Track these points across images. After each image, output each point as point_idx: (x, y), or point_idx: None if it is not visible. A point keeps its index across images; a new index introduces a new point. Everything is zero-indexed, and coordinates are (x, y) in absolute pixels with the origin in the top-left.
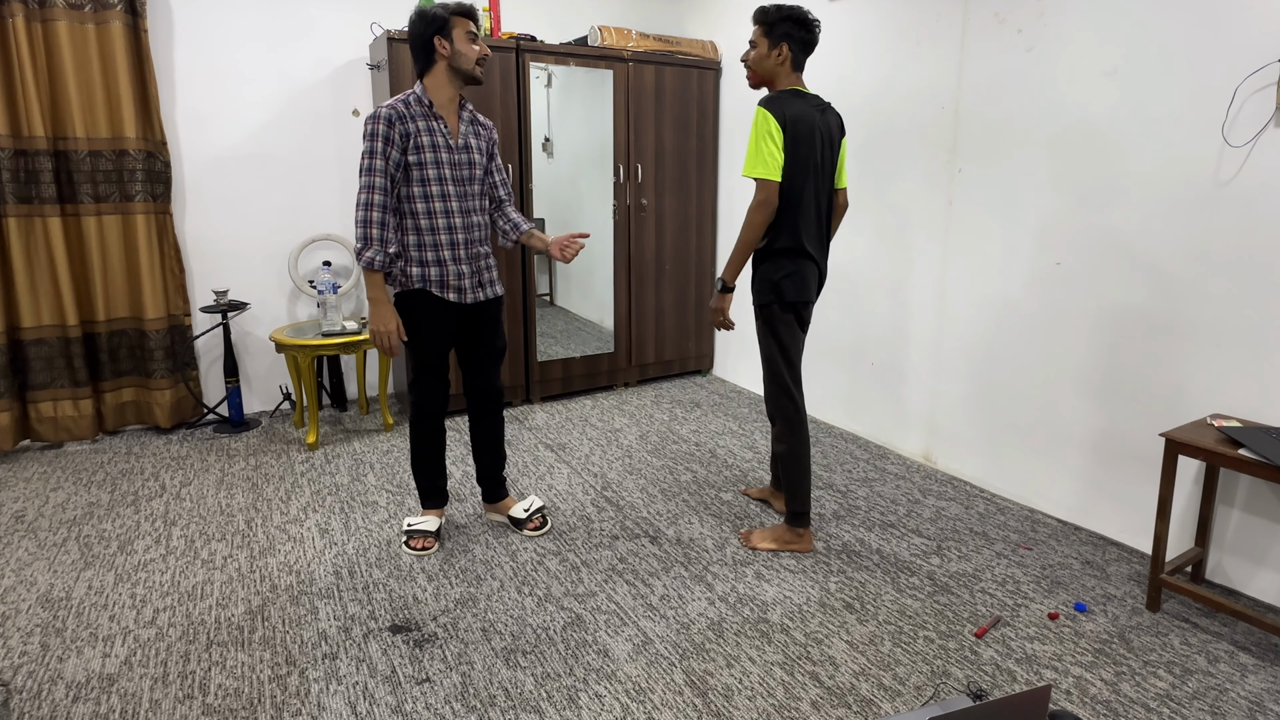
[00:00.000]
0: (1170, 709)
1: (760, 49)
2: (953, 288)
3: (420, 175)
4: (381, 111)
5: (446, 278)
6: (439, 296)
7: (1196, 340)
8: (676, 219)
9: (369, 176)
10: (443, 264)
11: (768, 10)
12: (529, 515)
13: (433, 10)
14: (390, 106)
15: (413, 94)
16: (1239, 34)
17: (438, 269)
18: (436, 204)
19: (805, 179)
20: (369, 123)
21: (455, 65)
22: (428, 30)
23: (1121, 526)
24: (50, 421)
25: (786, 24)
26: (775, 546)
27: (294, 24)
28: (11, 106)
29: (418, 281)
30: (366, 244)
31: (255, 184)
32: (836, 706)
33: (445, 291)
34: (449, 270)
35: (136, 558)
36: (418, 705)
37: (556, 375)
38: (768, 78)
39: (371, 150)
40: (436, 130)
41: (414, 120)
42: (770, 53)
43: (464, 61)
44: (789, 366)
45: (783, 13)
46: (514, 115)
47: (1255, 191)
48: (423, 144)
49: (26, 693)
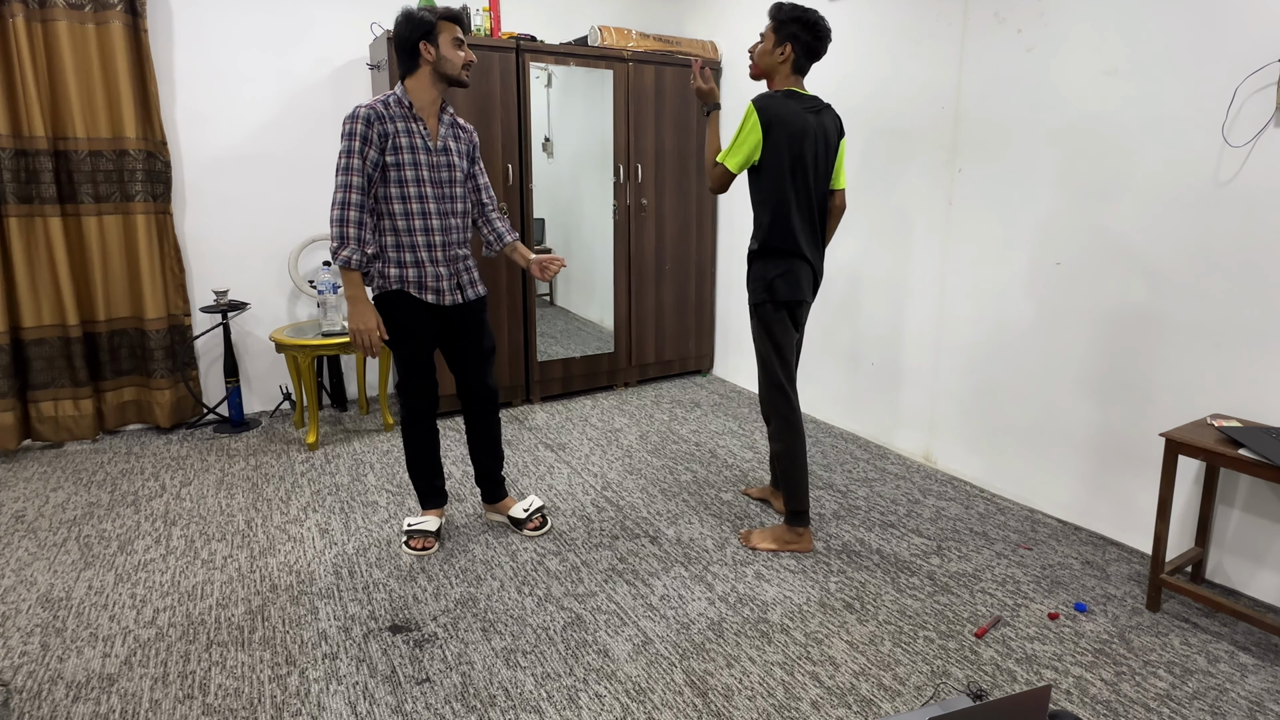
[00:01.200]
0: (1170, 709)
1: (767, 43)
2: (953, 288)
3: (398, 176)
4: (360, 111)
5: (424, 279)
6: (417, 298)
7: (1196, 340)
8: (676, 219)
9: (346, 176)
10: (420, 265)
11: (782, 7)
12: (529, 515)
13: (420, 14)
14: (369, 107)
15: (393, 95)
16: (1239, 34)
17: (415, 270)
18: (414, 205)
19: (795, 180)
20: (347, 122)
21: (440, 70)
22: (414, 34)
23: (1121, 526)
24: (51, 421)
25: (795, 25)
26: (775, 547)
27: (294, 24)
28: (12, 106)
29: (395, 282)
30: (343, 243)
31: (255, 184)
32: (836, 706)
33: (423, 293)
34: (427, 271)
35: (136, 558)
36: (418, 705)
37: (556, 375)
38: (767, 72)
39: (349, 150)
40: (415, 132)
41: (393, 121)
42: (775, 49)
43: (449, 67)
44: (783, 365)
45: (794, 13)
46: (514, 115)
47: (1255, 191)
48: (401, 145)
49: (26, 693)
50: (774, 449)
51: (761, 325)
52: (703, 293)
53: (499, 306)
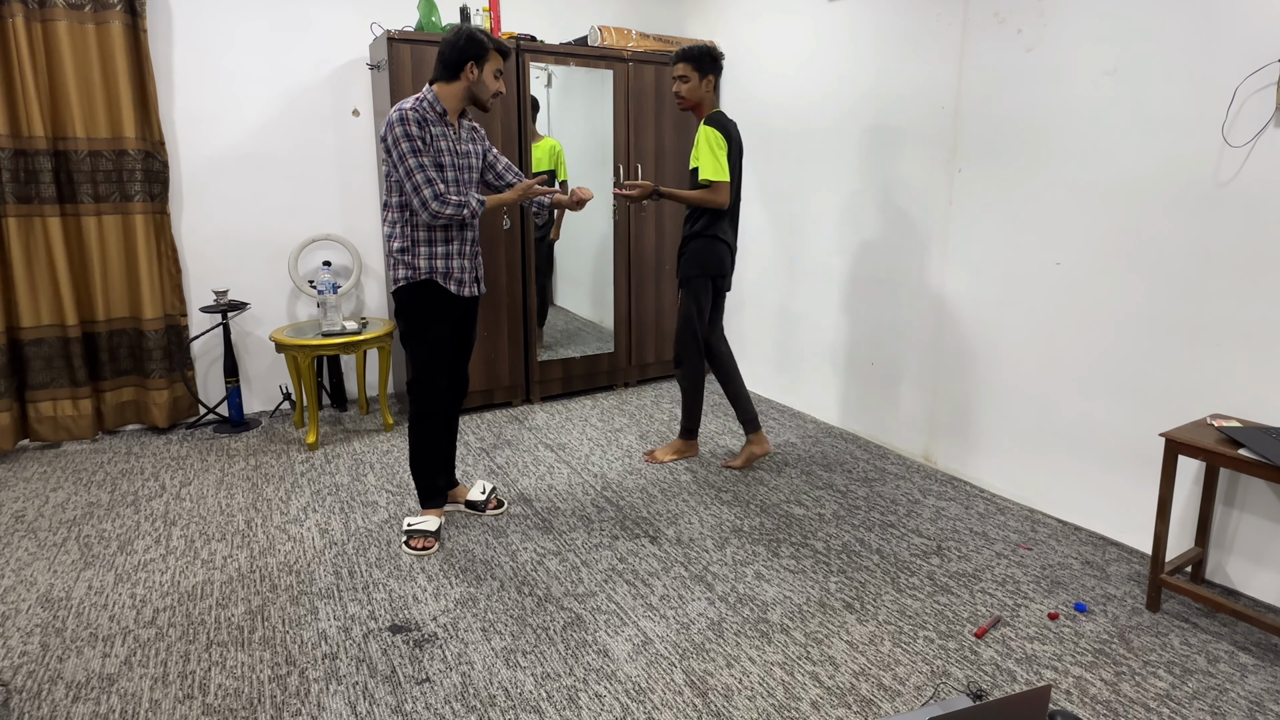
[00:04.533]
0: (1170, 709)
1: (692, 81)
2: (953, 288)
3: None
4: (410, 114)
5: (451, 270)
6: (444, 287)
7: (1196, 340)
8: (676, 219)
9: (423, 172)
10: (449, 257)
11: (689, 52)
12: (487, 497)
13: (480, 37)
14: (415, 109)
15: (425, 99)
16: (1239, 34)
17: (444, 261)
18: None
19: (737, 180)
20: (400, 124)
21: (474, 92)
22: (466, 52)
23: (1121, 526)
24: (50, 421)
25: (708, 59)
26: (674, 456)
27: (294, 24)
28: (11, 106)
29: (425, 273)
30: (461, 207)
31: (255, 184)
32: (836, 706)
33: (448, 283)
34: (454, 264)
35: (136, 558)
36: (418, 705)
37: (556, 375)
38: (697, 103)
39: (413, 150)
40: (448, 135)
41: (432, 125)
42: (701, 83)
43: (483, 92)
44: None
45: (703, 51)
46: (514, 115)
47: (1255, 191)
48: (440, 147)
49: (26, 693)
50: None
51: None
52: None
53: (499, 306)
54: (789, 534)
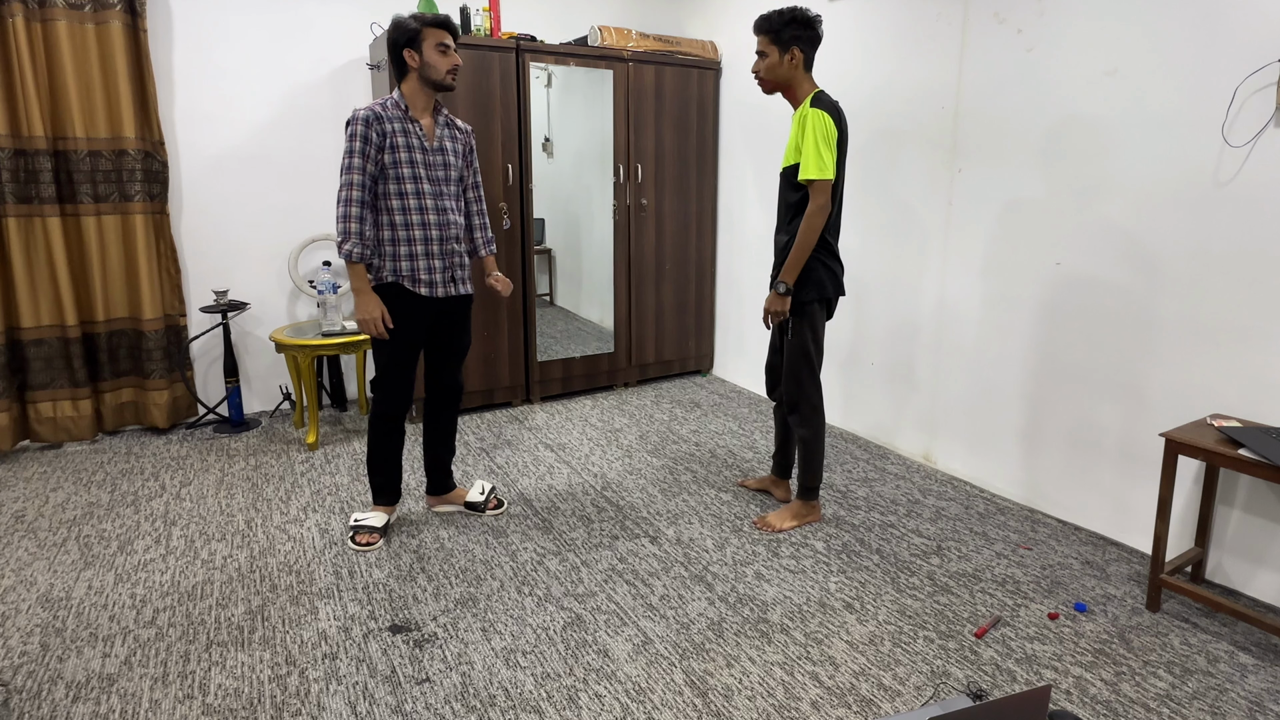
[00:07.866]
0: (1170, 709)
1: (771, 57)
2: (953, 288)
3: (395, 174)
4: (360, 114)
5: (417, 272)
6: (412, 291)
7: (1196, 340)
8: (676, 219)
9: (348, 175)
10: (414, 259)
11: (771, 18)
12: (486, 497)
13: (404, 21)
14: (369, 109)
15: (390, 99)
16: (1239, 34)
17: (409, 263)
18: (411, 201)
19: (842, 178)
20: (350, 124)
21: (424, 75)
22: (399, 41)
23: (1121, 526)
24: (50, 422)
25: (793, 27)
26: (796, 523)
27: (293, 24)
28: (11, 106)
29: (390, 276)
30: (346, 237)
31: (255, 184)
32: (836, 706)
33: (417, 286)
34: (420, 265)
35: (136, 558)
36: (418, 705)
37: (556, 375)
38: (784, 83)
39: (351, 150)
40: (412, 133)
41: (391, 122)
42: (783, 59)
43: (433, 72)
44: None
45: (786, 17)
46: (514, 115)
47: (1255, 191)
48: (398, 144)
49: (26, 693)
50: (803, 435)
51: (806, 321)
52: (703, 293)
53: (499, 306)
54: (789, 534)
